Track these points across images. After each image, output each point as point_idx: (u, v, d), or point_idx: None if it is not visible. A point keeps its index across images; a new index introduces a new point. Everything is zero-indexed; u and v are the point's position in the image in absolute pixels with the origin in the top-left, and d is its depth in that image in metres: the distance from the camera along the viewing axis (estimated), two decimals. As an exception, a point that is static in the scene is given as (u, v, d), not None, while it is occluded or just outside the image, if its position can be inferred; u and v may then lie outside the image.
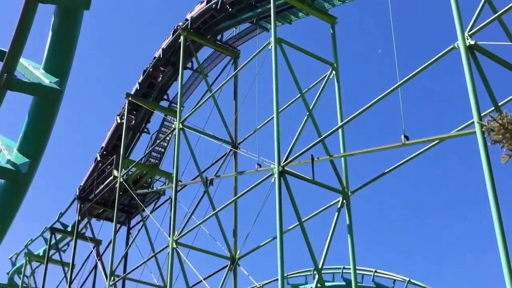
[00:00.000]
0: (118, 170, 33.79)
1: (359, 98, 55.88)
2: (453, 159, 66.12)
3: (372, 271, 34.28)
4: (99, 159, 38.45)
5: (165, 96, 36.30)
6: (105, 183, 36.21)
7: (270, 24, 24.44)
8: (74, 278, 38.83)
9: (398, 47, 18.99)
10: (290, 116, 28.62)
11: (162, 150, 36.91)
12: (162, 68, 34.45)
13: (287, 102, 26.96)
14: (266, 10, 27.20)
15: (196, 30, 31.17)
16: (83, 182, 39.56)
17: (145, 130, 38.02)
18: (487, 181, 13.86)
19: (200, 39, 31.27)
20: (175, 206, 26.79)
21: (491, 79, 15.91)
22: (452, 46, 16.34)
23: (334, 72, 24.03)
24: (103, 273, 34.93)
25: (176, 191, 27.22)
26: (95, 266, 38.75)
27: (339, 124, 21.90)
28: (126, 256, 36.03)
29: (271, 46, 22.85)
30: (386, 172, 20.75)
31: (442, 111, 67.35)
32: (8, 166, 17.20)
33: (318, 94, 23.18)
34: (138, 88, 35.57)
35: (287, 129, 22.87)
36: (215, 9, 29.56)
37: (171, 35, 32.84)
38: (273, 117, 22.09)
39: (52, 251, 43.60)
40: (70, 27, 16.90)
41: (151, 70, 34.57)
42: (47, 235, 43.92)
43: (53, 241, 42.99)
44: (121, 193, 33.85)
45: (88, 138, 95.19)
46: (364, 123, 61.99)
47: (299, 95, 23.06)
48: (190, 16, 31.27)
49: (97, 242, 39.12)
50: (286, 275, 33.35)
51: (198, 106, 29.03)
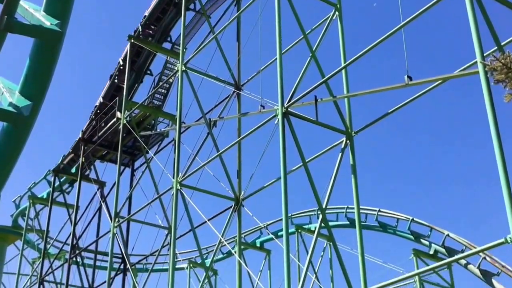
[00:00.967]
0: (121, 112, 33.77)
1: (362, 40, 55.53)
2: (456, 99, 66.11)
3: (375, 211, 34.53)
4: (102, 101, 38.44)
5: (167, 38, 36.16)
6: (108, 125, 36.23)
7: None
8: (79, 220, 39.14)
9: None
10: (293, 57, 28.52)
11: (165, 92, 36.90)
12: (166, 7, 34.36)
13: (290, 43, 26.87)
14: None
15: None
16: (86, 125, 39.60)
17: (148, 72, 37.95)
18: (490, 120, 13.84)
19: (202, -20, 31.03)
20: (178, 147, 26.81)
21: (494, 19, 15.79)
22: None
23: (337, 13, 23.80)
24: (107, 214, 35.14)
25: (180, 133, 27.20)
26: (100, 208, 38.99)
27: (342, 65, 21.78)
28: (130, 197, 36.28)
29: (274, -13, 22.62)
30: (390, 113, 20.72)
31: (446, 52, 67.06)
32: (10, 109, 17.24)
33: (321, 35, 23.01)
34: (141, 30, 35.42)
35: (290, 70, 22.76)
36: None
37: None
38: (276, 58, 21.98)
39: (56, 194, 43.90)
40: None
41: (153, 10, 34.49)
42: (51, 178, 44.20)
43: (57, 183, 43.28)
44: (124, 135, 33.86)
45: (91, 81, 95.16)
46: (367, 65, 61.78)
47: (302, 36, 22.91)
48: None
49: (101, 184, 39.27)
50: (290, 215, 33.62)
51: (201, 47, 28.88)
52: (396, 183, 75.44)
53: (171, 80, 35.38)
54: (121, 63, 36.91)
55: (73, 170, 42.21)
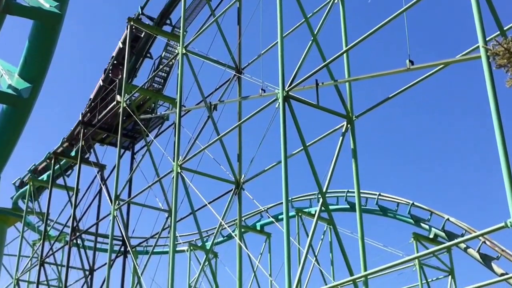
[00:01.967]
0: (121, 95, 33.70)
1: (364, 24, 55.38)
2: (458, 84, 66.03)
3: (376, 194, 34.60)
4: (101, 84, 38.36)
5: (167, 21, 36.04)
6: (108, 108, 36.17)
7: None
8: (79, 203, 39.19)
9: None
10: (294, 41, 28.41)
11: (165, 75, 36.81)
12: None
13: (292, 27, 26.77)
14: None
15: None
16: (86, 108, 39.55)
17: (148, 55, 37.86)
18: (491, 105, 13.78)
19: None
20: (179, 130, 26.78)
21: (496, 4, 15.70)
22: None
23: (339, -4, 23.71)
24: (107, 197, 35.16)
25: (180, 116, 27.15)
26: (100, 191, 39.02)
27: (344, 49, 21.69)
28: (130, 180, 36.29)
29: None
30: (391, 97, 20.69)
31: (448, 37, 66.89)
32: (10, 91, 17.17)
33: (322, 19, 22.87)
34: (140, 12, 35.32)
35: (291, 54, 22.67)
36: None
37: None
38: (277, 42, 21.89)
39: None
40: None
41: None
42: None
43: (56, 166, 43.28)
44: (124, 118, 33.84)
45: (91, 64, 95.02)
46: (369, 49, 61.60)
47: (304, 19, 22.81)
48: None
49: (101, 167, 39.26)
50: (290, 198, 33.66)
51: (201, 31, 28.75)
52: (396, 168, 75.53)
53: (172, 63, 35.29)
54: (121, 46, 36.80)
55: (73, 153, 42.20)
